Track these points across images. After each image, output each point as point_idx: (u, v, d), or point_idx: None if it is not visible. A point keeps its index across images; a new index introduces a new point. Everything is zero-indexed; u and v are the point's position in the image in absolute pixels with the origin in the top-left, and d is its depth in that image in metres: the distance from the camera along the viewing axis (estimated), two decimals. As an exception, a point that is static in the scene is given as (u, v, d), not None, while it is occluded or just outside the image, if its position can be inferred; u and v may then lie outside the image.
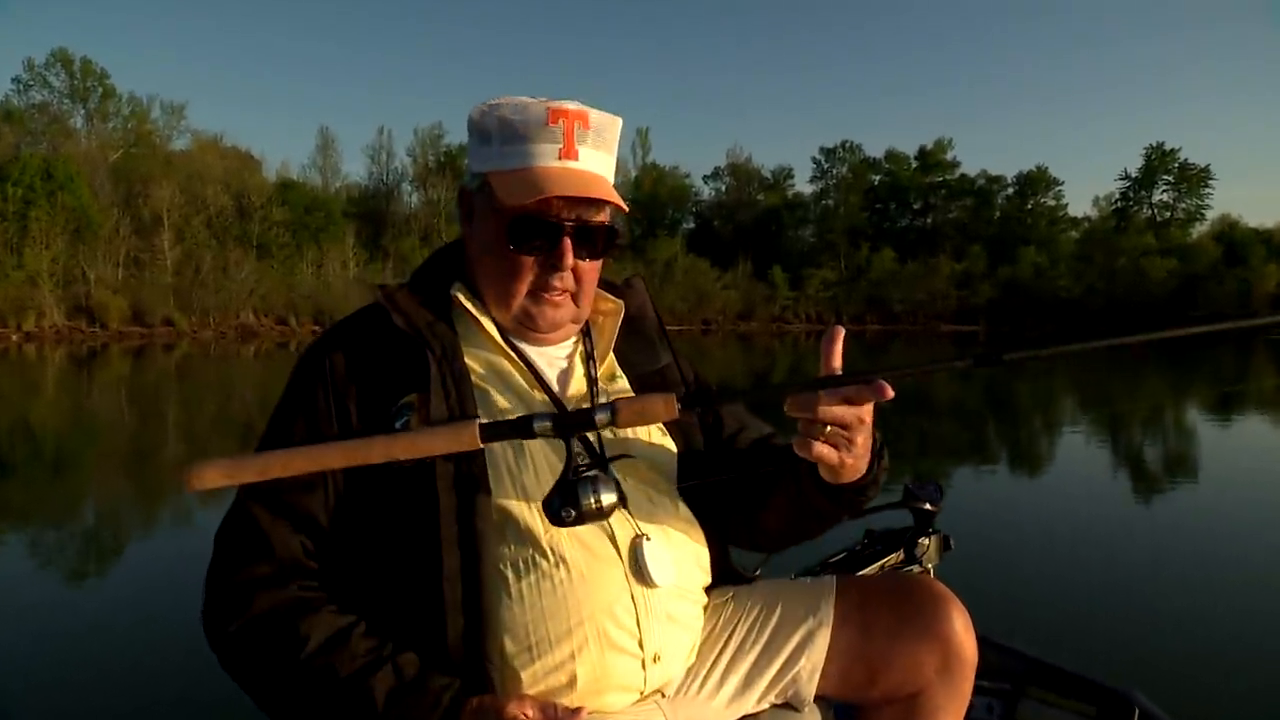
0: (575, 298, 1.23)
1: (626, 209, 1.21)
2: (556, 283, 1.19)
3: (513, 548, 1.09)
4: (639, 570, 1.13)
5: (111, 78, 55.60)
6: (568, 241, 1.17)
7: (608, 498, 1.03)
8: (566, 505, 1.01)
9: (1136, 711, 1.64)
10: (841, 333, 1.05)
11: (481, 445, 0.95)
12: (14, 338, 36.66)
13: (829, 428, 1.03)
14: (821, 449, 1.04)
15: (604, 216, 1.21)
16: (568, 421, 1.01)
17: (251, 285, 45.75)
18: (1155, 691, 1.69)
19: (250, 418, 12.85)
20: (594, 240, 1.20)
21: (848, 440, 1.05)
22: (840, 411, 1.01)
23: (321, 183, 65.06)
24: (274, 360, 27.12)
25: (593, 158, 1.19)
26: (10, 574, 4.92)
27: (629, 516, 1.15)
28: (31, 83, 52.88)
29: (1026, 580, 4.44)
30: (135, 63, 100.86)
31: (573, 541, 1.10)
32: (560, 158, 1.16)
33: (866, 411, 1.04)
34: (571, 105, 1.18)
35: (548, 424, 0.98)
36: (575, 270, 1.20)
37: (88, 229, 42.79)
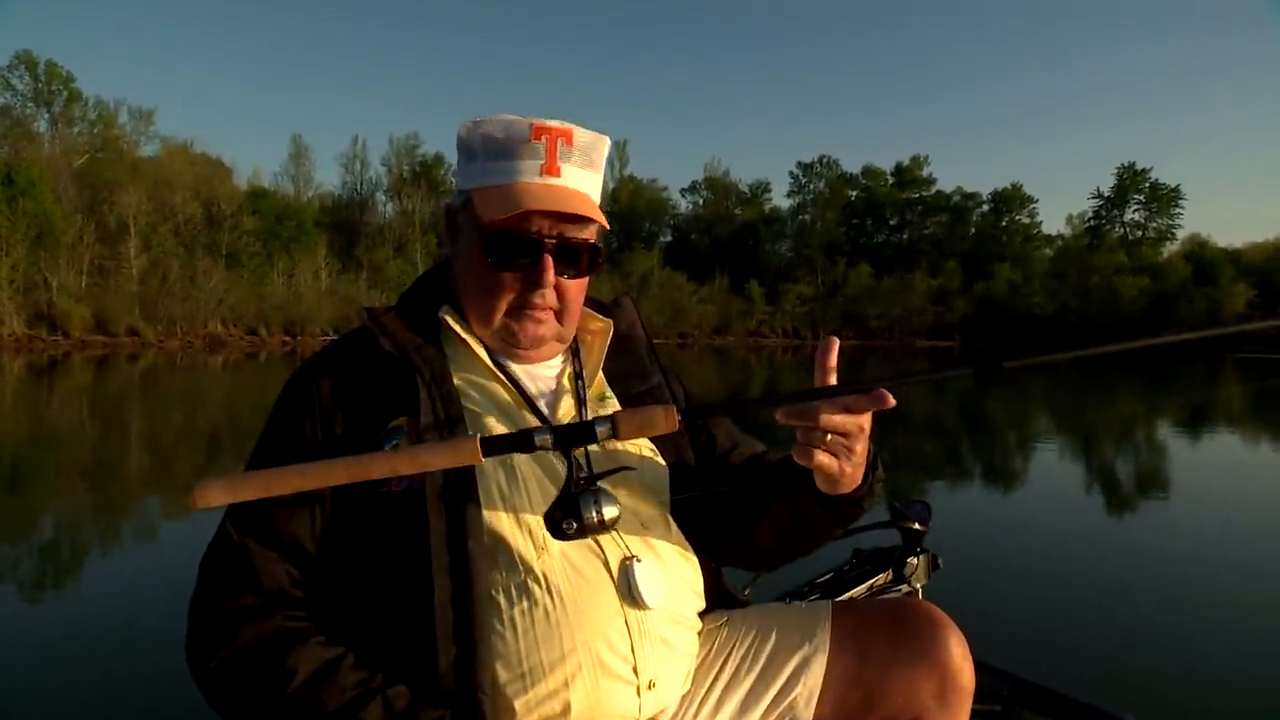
0: (559, 315, 1.23)
1: (609, 227, 1.21)
2: (538, 300, 1.19)
3: (504, 573, 1.08)
4: (630, 592, 1.11)
5: (78, 81, 54.89)
6: (548, 258, 1.17)
7: (609, 510, 1.04)
8: (568, 517, 1.02)
9: None
10: (836, 343, 1.05)
11: (483, 459, 0.96)
12: (-29, 346, 35.69)
13: (830, 436, 1.03)
14: (822, 457, 1.04)
15: (588, 234, 1.21)
16: (568, 435, 1.00)
17: (220, 295, 45.14)
18: (1150, 716, 1.65)
19: (218, 429, 12.54)
20: (577, 258, 1.20)
21: (848, 449, 1.05)
22: (841, 420, 1.02)
23: (294, 191, 64.60)
24: (243, 371, 26.75)
25: (576, 175, 1.19)
26: None
27: (619, 537, 1.14)
28: (-6, 85, 51.85)
29: (1016, 600, 4.35)
30: (103, 66, 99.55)
31: (564, 564, 1.10)
32: (542, 174, 1.17)
33: (866, 420, 1.04)
34: (556, 123, 1.18)
35: (548, 437, 0.98)
36: (558, 288, 1.20)
37: (50, 235, 41.93)
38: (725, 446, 1.38)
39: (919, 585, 1.93)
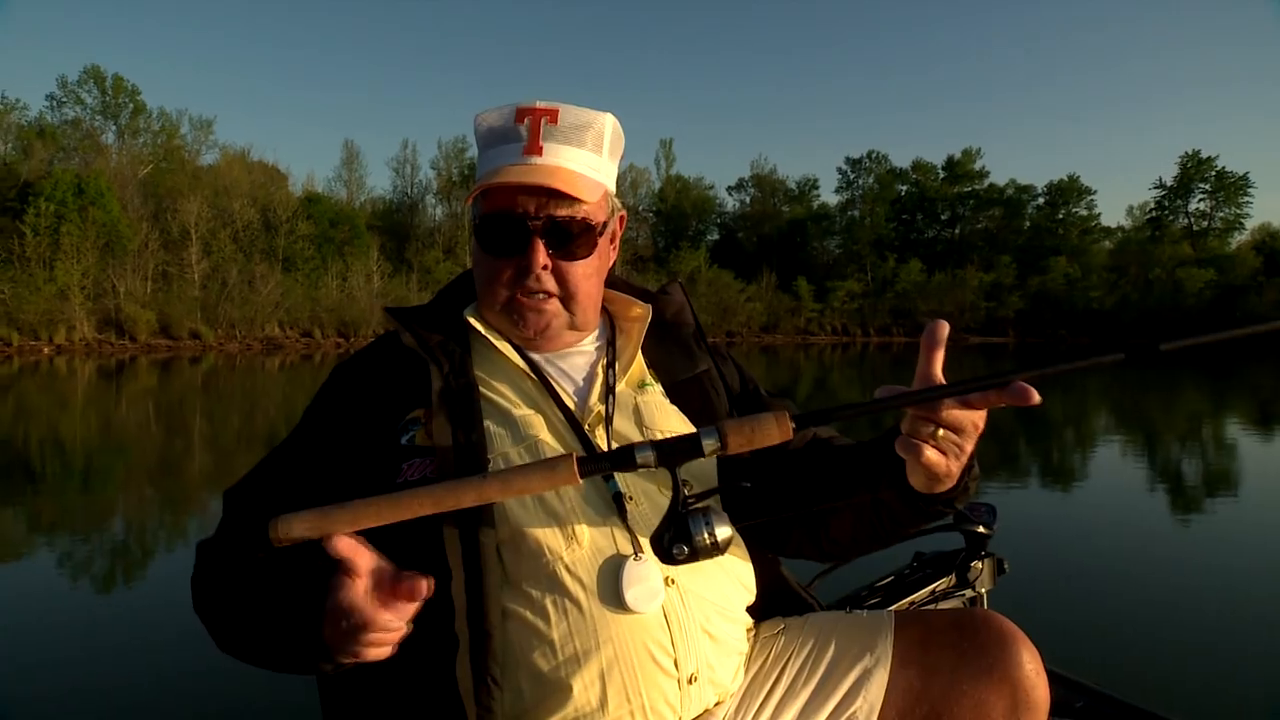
0: (565, 302, 1.20)
1: (583, 198, 1.15)
2: (532, 284, 1.17)
3: (533, 563, 1.06)
4: (615, 590, 1.06)
5: (142, 94, 56.70)
6: (537, 240, 1.15)
7: (723, 531, 0.96)
8: (678, 541, 0.95)
9: None
10: (946, 328, 0.97)
11: (580, 480, 0.90)
12: (45, 350, 37.11)
13: (942, 432, 0.96)
14: (931, 454, 0.96)
15: (581, 212, 1.16)
16: (671, 450, 0.94)
17: (277, 299, 46.15)
18: None
19: (276, 430, 12.81)
20: (568, 237, 1.16)
21: (959, 447, 0.98)
22: (959, 415, 0.95)
23: (346, 196, 65.84)
24: (298, 373, 27.34)
25: (564, 152, 1.16)
26: (40, 586, 4.96)
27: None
28: (64, 99, 53.84)
29: (1085, 605, 4.19)
30: (165, 78, 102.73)
31: (594, 555, 1.07)
32: (523, 155, 1.15)
33: (981, 417, 0.97)
34: (543, 104, 1.16)
35: (650, 454, 0.92)
36: (558, 272, 1.17)
37: (117, 243, 43.41)
38: None
39: (984, 590, 1.87)
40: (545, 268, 1.16)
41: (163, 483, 8.73)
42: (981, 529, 1.85)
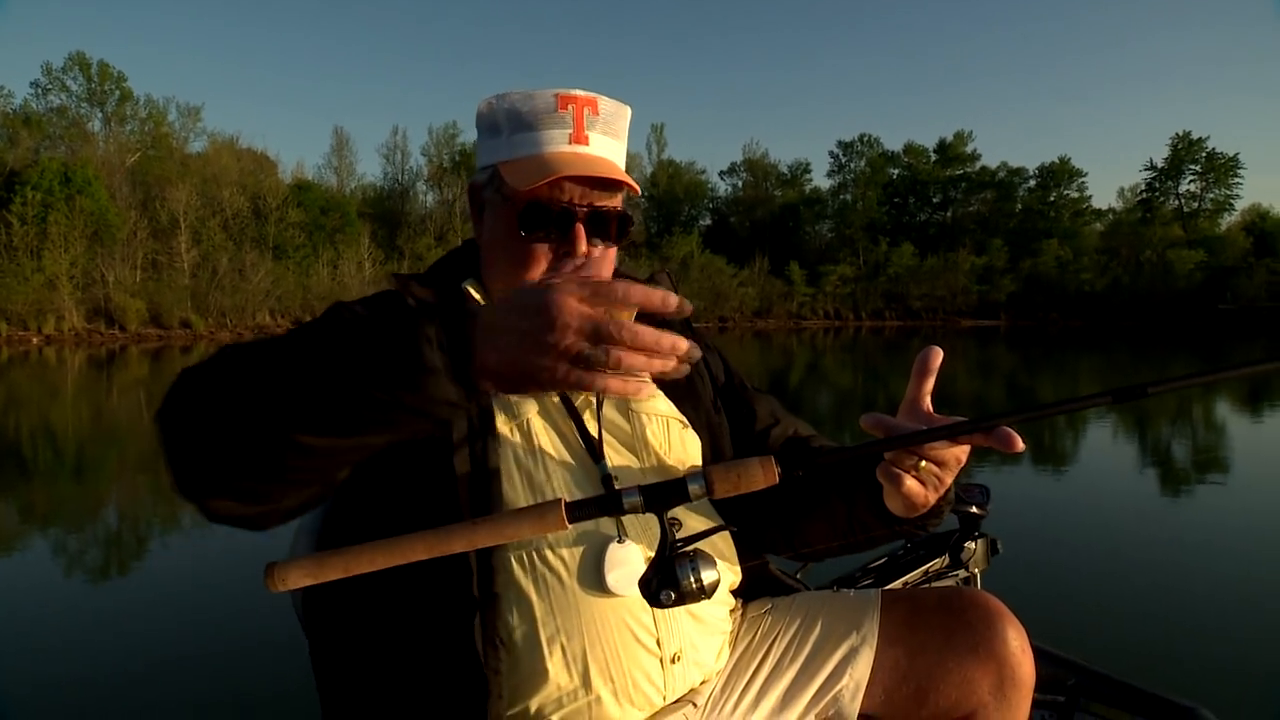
0: None
1: (639, 191, 1.19)
2: (570, 270, 1.16)
3: (517, 542, 1.05)
4: (597, 573, 1.06)
5: (129, 80, 56.09)
6: (580, 228, 1.15)
7: (709, 575, 0.94)
8: (665, 587, 0.93)
9: None
10: (939, 357, 0.98)
11: (569, 525, 0.87)
12: (34, 340, 36.94)
13: (924, 464, 0.98)
14: (912, 485, 0.99)
15: (616, 202, 1.19)
16: (658, 495, 0.91)
17: (267, 287, 45.96)
18: (1223, 709, 1.55)
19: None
20: (607, 226, 1.18)
21: (938, 479, 1.00)
22: (943, 452, 0.98)
23: (336, 183, 65.46)
24: (290, 361, 27.10)
25: (603, 144, 1.18)
26: (33, 576, 4.97)
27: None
28: (49, 86, 53.17)
29: (1079, 585, 4.25)
30: (151, 65, 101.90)
31: (579, 535, 1.07)
32: (571, 143, 1.16)
33: (964, 452, 1.00)
34: (581, 92, 1.17)
35: (638, 499, 0.89)
36: (590, 258, 1.17)
37: (106, 232, 43.13)
38: (766, 422, 1.34)
39: (977, 571, 1.88)
40: (585, 255, 1.16)
41: (156, 473, 8.71)
42: (975, 509, 1.86)
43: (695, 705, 1.14)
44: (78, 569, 5.18)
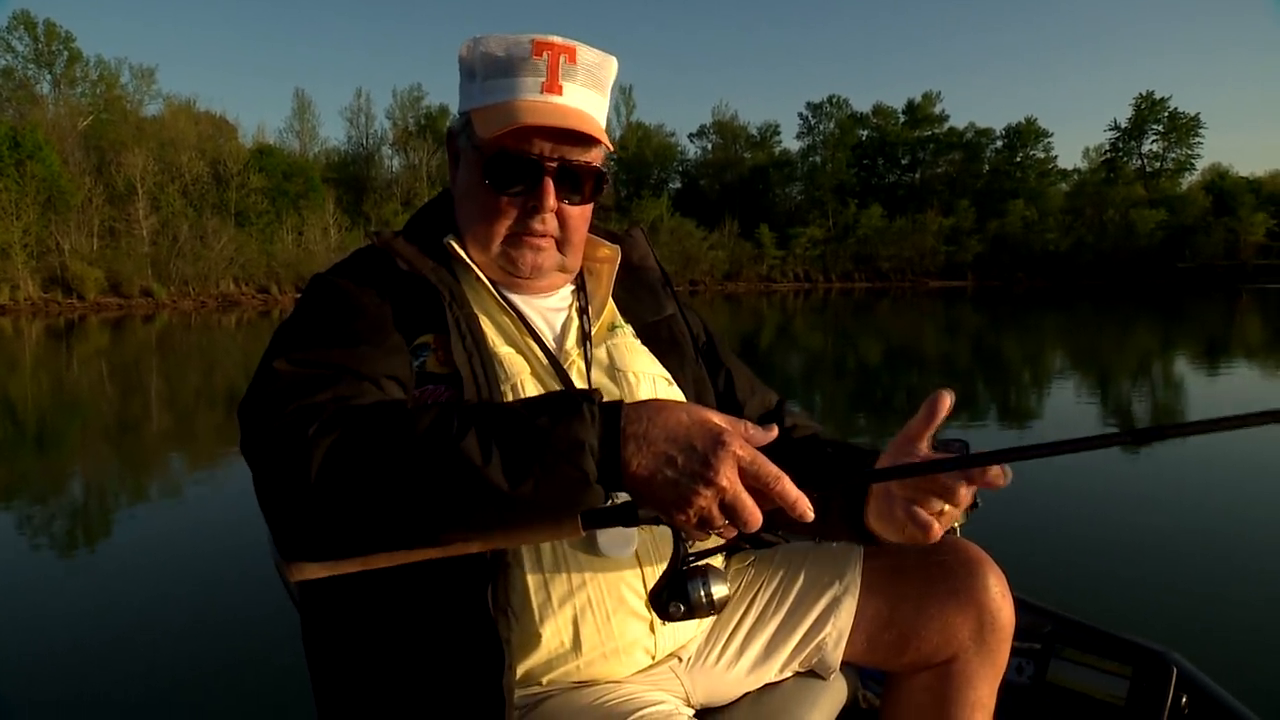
0: (560, 244, 1.17)
1: (612, 147, 1.15)
2: (537, 225, 1.14)
3: None
4: (593, 538, 1.06)
5: (77, 41, 54.11)
6: (549, 181, 1.11)
7: (719, 590, 0.95)
8: (675, 600, 0.94)
9: (1175, 672, 1.57)
10: (949, 403, 0.96)
11: (583, 534, 0.87)
12: (-11, 311, 35.97)
13: (947, 509, 0.97)
14: (937, 529, 0.98)
15: (591, 157, 1.14)
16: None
17: (230, 254, 45.00)
18: (1194, 652, 1.62)
19: (237, 388, 12.62)
20: (579, 182, 1.14)
21: (953, 519, 1.00)
22: (965, 494, 0.96)
23: (299, 148, 64.00)
24: (257, 330, 26.81)
25: (580, 94, 1.13)
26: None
27: None
28: (-6, 48, 51.26)
29: (1055, 537, 4.36)
30: (102, 25, 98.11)
31: None
32: (543, 91, 1.11)
33: (973, 491, 0.98)
34: (559, 39, 1.12)
35: (653, 510, 0.87)
36: (560, 215, 1.15)
37: (59, 199, 41.79)
38: (745, 392, 1.33)
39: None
40: (553, 210, 1.13)
41: (121, 444, 8.59)
42: None
43: (680, 659, 1.16)
44: (42, 541, 5.12)
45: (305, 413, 0.87)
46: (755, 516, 0.81)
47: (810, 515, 0.82)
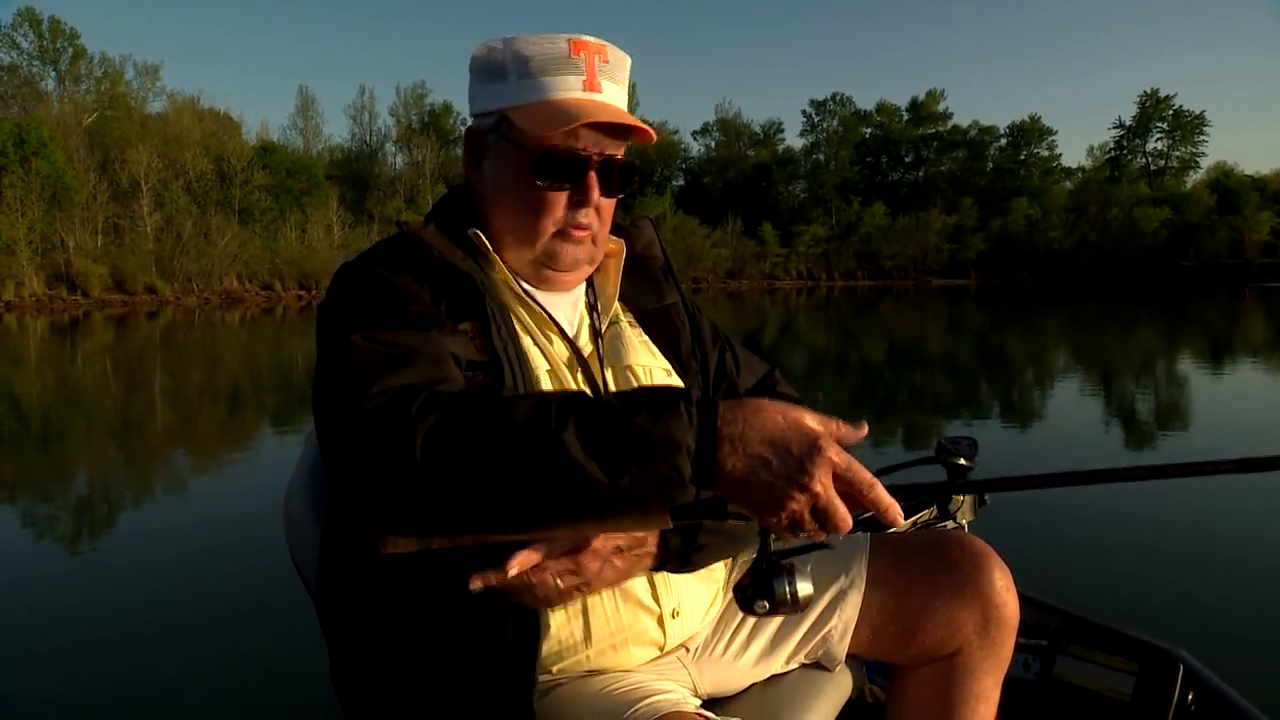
0: (594, 237, 1.20)
1: (654, 137, 1.17)
2: (583, 219, 1.15)
3: None
4: None
5: (82, 38, 54.08)
6: (593, 176, 1.14)
7: (804, 588, 0.97)
8: (760, 597, 0.96)
9: (1181, 669, 1.58)
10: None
11: (672, 525, 0.86)
12: (-6, 307, 36.04)
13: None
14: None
15: (622, 153, 1.18)
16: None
17: (234, 251, 45.03)
18: (1201, 650, 1.63)
19: (241, 385, 12.64)
20: (616, 176, 1.17)
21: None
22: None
23: (303, 145, 63.95)
24: (260, 326, 26.89)
25: (613, 92, 1.15)
26: (4, 547, 4.89)
27: None
28: (-1, 44, 51.30)
29: (1063, 536, 4.36)
30: (106, 22, 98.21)
31: None
32: (585, 90, 1.12)
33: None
34: (590, 39, 1.15)
35: (744, 510, 0.88)
36: (597, 207, 1.16)
37: (64, 195, 41.85)
38: (741, 368, 1.36)
39: (965, 522, 1.92)
40: (596, 205, 1.16)
41: (125, 440, 8.61)
42: (963, 461, 1.88)
43: (688, 650, 1.18)
44: (48, 537, 5.14)
45: (402, 393, 0.87)
46: (846, 521, 0.81)
47: (902, 521, 0.83)
